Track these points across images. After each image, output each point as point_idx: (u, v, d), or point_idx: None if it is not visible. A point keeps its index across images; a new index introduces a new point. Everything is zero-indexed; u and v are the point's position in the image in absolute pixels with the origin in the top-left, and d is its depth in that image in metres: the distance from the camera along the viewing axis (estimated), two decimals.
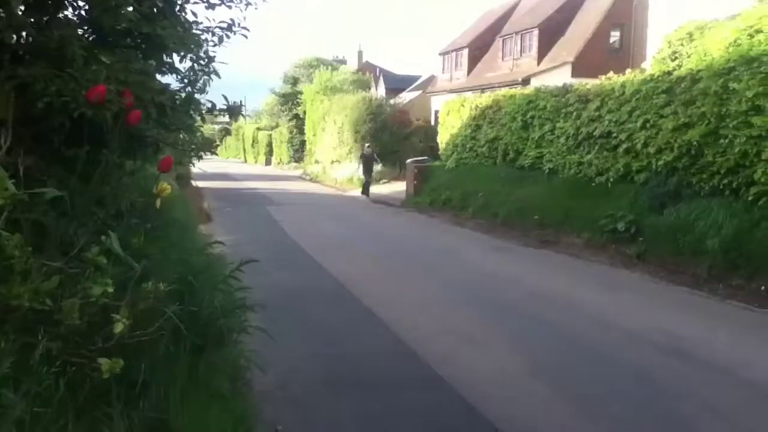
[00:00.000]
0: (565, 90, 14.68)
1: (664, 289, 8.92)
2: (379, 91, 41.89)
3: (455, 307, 7.71)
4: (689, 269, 9.42)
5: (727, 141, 9.64)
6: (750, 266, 8.68)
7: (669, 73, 11.37)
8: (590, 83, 14.02)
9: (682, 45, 13.17)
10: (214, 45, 4.95)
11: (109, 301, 2.59)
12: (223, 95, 4.84)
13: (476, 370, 5.52)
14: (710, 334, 6.63)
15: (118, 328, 2.52)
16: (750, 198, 9.23)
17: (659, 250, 10.21)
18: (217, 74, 4.92)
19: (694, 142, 10.24)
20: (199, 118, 5.11)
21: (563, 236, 12.60)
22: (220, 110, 4.87)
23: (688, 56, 11.74)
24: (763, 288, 8.26)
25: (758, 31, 9.44)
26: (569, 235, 12.50)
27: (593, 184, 13.11)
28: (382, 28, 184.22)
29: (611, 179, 12.64)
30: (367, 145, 25.06)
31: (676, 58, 12.76)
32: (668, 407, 4.73)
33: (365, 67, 49.42)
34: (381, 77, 46.91)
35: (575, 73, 24.01)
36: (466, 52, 34.68)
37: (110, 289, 2.56)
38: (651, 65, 13.80)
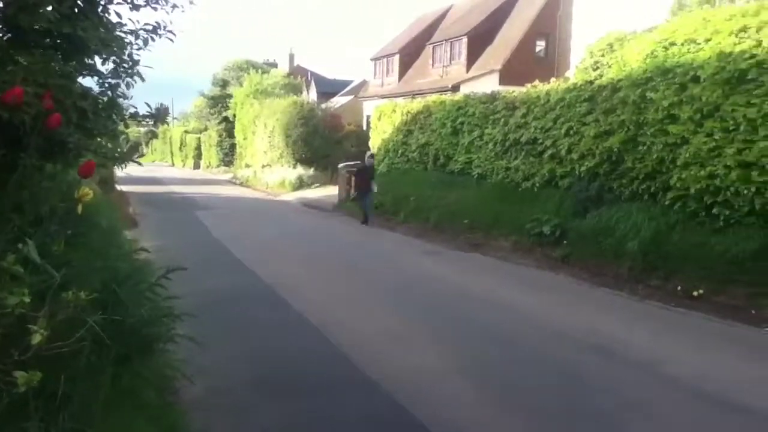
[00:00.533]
0: (493, 97, 15.03)
1: (588, 290, 9.25)
2: (311, 95, 41.75)
3: (385, 310, 7.76)
4: (611, 271, 9.79)
5: (645, 148, 10.10)
6: (667, 267, 9.10)
7: (591, 82, 11.82)
8: (517, 91, 14.40)
9: (603, 55, 13.73)
10: (139, 48, 4.81)
11: (26, 312, 2.49)
12: (146, 103, 4.71)
13: (406, 370, 5.58)
14: (631, 333, 6.91)
15: (36, 339, 2.42)
16: (667, 202, 9.68)
17: (583, 253, 10.58)
18: (141, 77, 4.78)
19: (615, 149, 10.67)
20: (122, 124, 4.94)
21: (492, 240, 12.87)
22: (144, 116, 4.73)
23: (609, 66, 12.22)
24: (679, 288, 8.67)
25: (672, 44, 9.91)
26: (498, 238, 12.79)
27: (520, 189, 13.48)
28: (314, 32, 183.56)
29: (537, 184, 13.03)
30: (369, 154, 18.40)
31: (597, 67, 13.29)
32: (593, 403, 4.91)
33: (297, 71, 49.13)
34: (312, 81, 46.81)
35: (503, 81, 24.59)
36: (397, 58, 35.00)
37: (27, 299, 2.46)
38: (574, 74, 14.29)
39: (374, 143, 21.59)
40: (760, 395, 5.07)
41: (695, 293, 8.38)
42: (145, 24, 4.78)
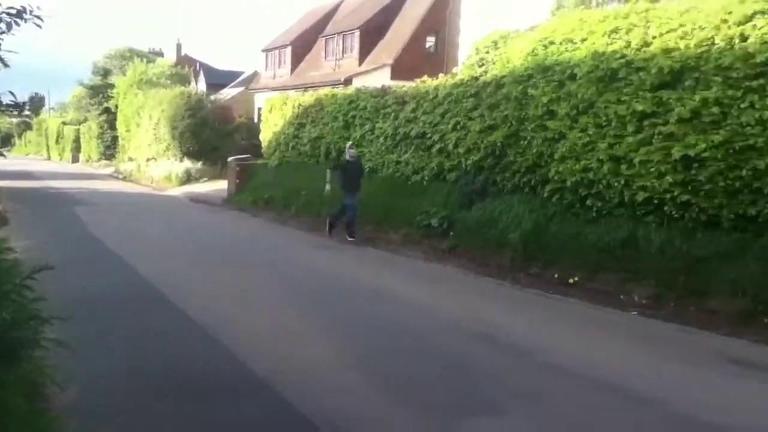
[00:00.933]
0: (384, 91, 15.17)
1: (473, 280, 9.54)
2: (200, 86, 40.45)
3: (276, 306, 7.66)
4: (494, 261, 10.15)
5: (526, 142, 10.53)
6: (545, 257, 9.55)
7: (476, 78, 12.18)
8: (407, 85, 14.60)
9: (488, 52, 14.07)
10: (2, 32, 4.45)
11: None
12: (10, 91, 4.36)
13: (296, 366, 5.53)
14: (514, 321, 7.21)
15: None
16: (545, 194, 10.14)
17: (468, 244, 10.89)
18: (5, 63, 4.42)
19: (498, 143, 11.06)
20: None
21: (383, 233, 12.99)
22: (8, 105, 4.38)
23: (494, 63, 12.57)
24: (556, 276, 9.12)
25: (552, 43, 10.35)
26: (388, 231, 12.92)
27: (410, 183, 13.70)
28: (203, 21, 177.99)
29: (426, 178, 13.29)
30: (349, 144, 14.31)
31: (483, 64, 13.61)
32: (480, 392, 5.04)
33: (184, 61, 47.42)
34: (201, 72, 45.35)
35: (394, 75, 24.90)
36: (289, 50, 34.60)
37: None
38: (461, 70, 14.64)
39: (265, 136, 21.21)
40: (633, 376, 5.41)
41: (571, 281, 8.85)
42: (9, 7, 4.43)
